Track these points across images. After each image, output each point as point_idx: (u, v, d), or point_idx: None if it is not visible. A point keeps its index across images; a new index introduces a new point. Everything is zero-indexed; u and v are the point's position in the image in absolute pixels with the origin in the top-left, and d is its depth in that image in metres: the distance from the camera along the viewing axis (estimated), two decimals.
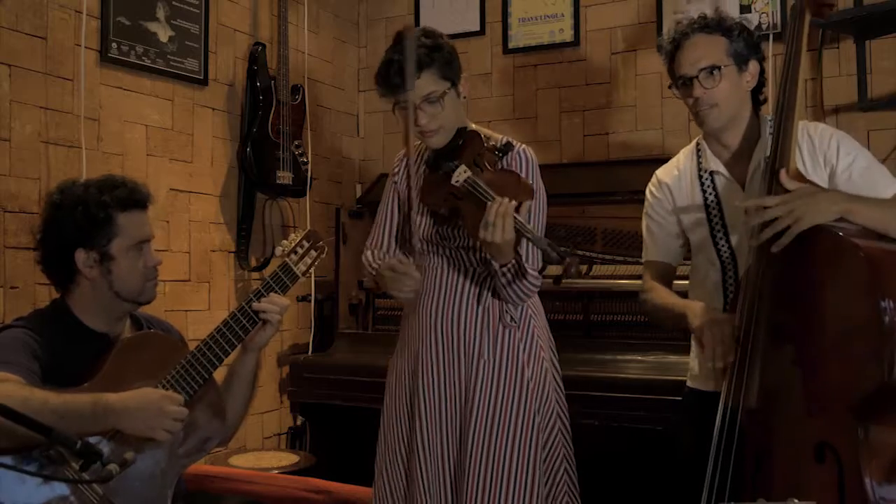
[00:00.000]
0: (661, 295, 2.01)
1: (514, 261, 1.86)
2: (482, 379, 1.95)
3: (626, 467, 2.74)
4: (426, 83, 1.90)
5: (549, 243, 1.70)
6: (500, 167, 1.92)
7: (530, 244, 1.82)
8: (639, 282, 2.89)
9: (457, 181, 1.84)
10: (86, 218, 1.80)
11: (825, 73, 3.08)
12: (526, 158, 1.98)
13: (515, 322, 1.98)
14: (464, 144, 1.95)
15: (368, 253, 2.18)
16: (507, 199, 1.74)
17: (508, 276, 1.89)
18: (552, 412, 2.01)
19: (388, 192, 2.19)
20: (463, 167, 1.85)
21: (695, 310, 1.84)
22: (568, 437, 2.06)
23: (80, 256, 1.81)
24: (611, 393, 2.70)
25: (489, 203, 1.76)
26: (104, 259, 1.81)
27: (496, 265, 1.86)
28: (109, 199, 1.82)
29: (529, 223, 1.84)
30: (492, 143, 1.96)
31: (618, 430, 2.68)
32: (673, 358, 2.75)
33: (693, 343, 2.12)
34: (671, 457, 2.12)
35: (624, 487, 2.70)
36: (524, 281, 1.90)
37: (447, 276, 2.02)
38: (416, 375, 2.01)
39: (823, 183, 1.83)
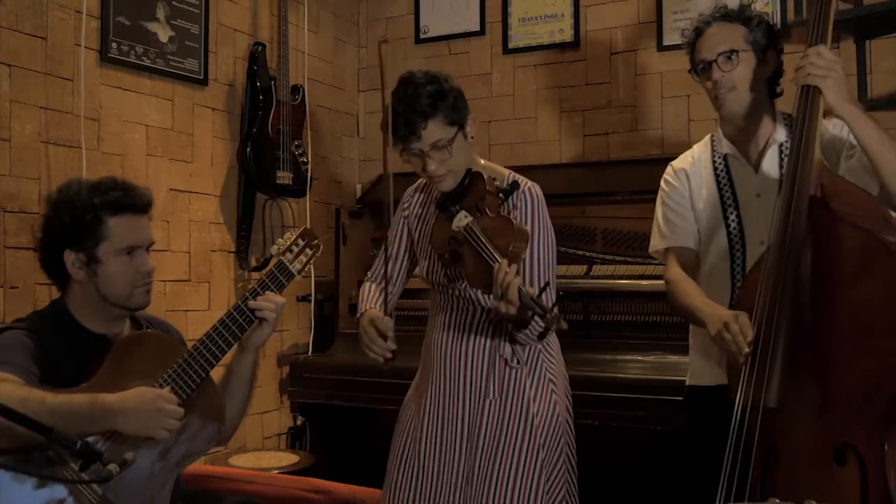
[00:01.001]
0: (686, 292, 1.99)
1: (526, 320, 1.81)
2: (488, 417, 1.94)
3: (626, 467, 2.74)
4: (433, 132, 1.87)
5: (532, 299, 1.66)
6: (501, 211, 1.89)
7: (551, 277, 1.82)
8: (639, 281, 2.93)
9: (457, 227, 1.82)
10: (72, 219, 1.80)
11: None
12: (531, 198, 1.95)
13: (521, 363, 1.97)
14: (468, 187, 1.92)
15: (366, 286, 2.16)
16: (510, 267, 1.70)
17: (521, 331, 1.87)
18: (559, 450, 1.98)
19: (396, 226, 2.16)
20: (463, 213, 1.82)
21: (713, 320, 1.81)
22: (573, 477, 2.03)
23: (69, 257, 1.81)
24: (611, 393, 2.70)
25: (494, 268, 1.71)
26: (91, 262, 1.81)
27: (508, 322, 1.86)
28: (99, 201, 1.81)
29: (535, 259, 1.88)
30: (496, 183, 1.92)
31: (618, 430, 2.68)
32: (673, 358, 2.75)
33: (691, 341, 2.12)
34: (673, 456, 2.12)
35: (624, 487, 2.70)
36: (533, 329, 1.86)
37: (455, 316, 2.01)
38: (421, 413, 2.01)
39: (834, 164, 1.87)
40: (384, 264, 2.08)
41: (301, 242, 1.96)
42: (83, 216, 1.80)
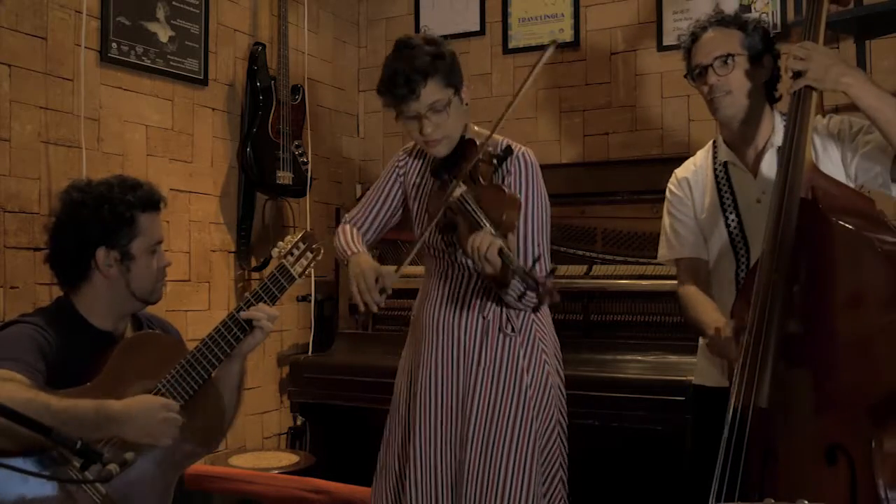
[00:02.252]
0: (694, 305, 2.02)
1: (509, 281, 1.82)
2: (481, 384, 1.95)
3: (626, 467, 2.74)
4: (431, 92, 1.87)
5: (525, 272, 1.66)
6: (495, 178, 1.90)
7: (546, 247, 1.83)
8: (639, 281, 2.93)
9: (451, 198, 1.83)
10: (112, 216, 1.81)
11: None
12: (525, 163, 1.96)
13: (515, 332, 1.97)
14: (462, 154, 1.93)
15: (348, 227, 2.12)
16: (488, 237, 1.71)
17: (509, 294, 1.87)
18: (552, 419, 1.99)
19: (387, 177, 2.15)
20: (457, 182, 1.83)
21: (708, 334, 1.84)
22: (565, 446, 2.05)
23: (101, 255, 1.81)
24: (611, 393, 2.70)
25: (475, 233, 1.74)
26: (125, 258, 1.82)
27: (494, 286, 1.86)
28: (134, 198, 1.83)
29: (528, 229, 1.88)
30: (489, 150, 1.93)
31: (618, 430, 2.68)
32: (673, 358, 2.75)
33: (700, 343, 2.13)
34: (675, 455, 2.12)
35: (623, 487, 2.70)
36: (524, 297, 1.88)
37: (450, 283, 2.01)
38: (416, 380, 2.01)
39: (835, 166, 1.87)
40: (423, 232, 2.01)
41: (302, 245, 1.96)
42: (123, 213, 1.81)
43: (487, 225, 1.75)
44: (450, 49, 1.94)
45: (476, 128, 2.04)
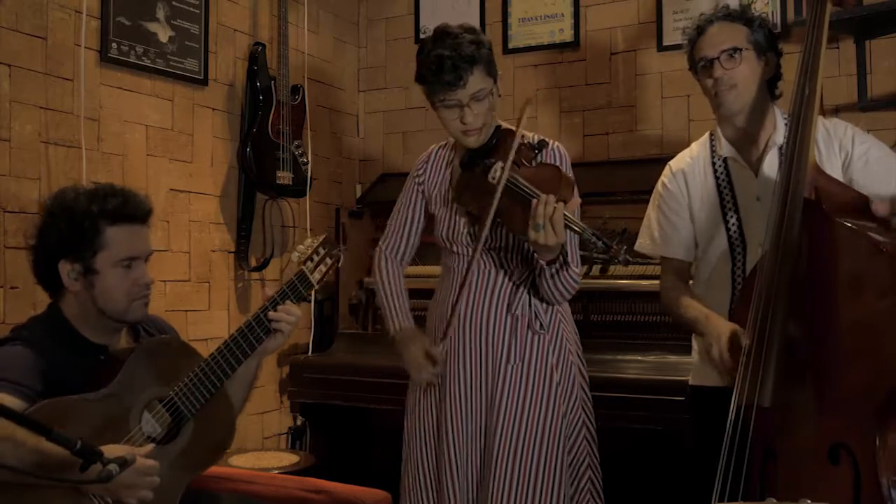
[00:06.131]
0: (686, 305, 2.02)
1: (560, 257, 1.84)
2: (510, 382, 1.93)
3: (626, 467, 2.74)
4: (476, 80, 1.88)
5: (594, 233, 1.69)
6: (537, 163, 1.90)
7: (576, 240, 1.81)
8: (639, 281, 2.93)
9: (493, 178, 1.81)
10: (70, 228, 1.71)
11: (825, 73, 3.07)
12: (560, 155, 1.98)
13: (545, 329, 1.96)
14: (499, 142, 1.92)
15: (386, 270, 2.14)
16: (552, 197, 1.71)
17: (554, 271, 1.87)
18: (578, 417, 1.99)
19: (408, 193, 2.15)
20: (500, 164, 1.83)
21: (718, 335, 1.83)
22: (593, 443, 2.04)
23: (65, 268, 1.73)
24: (611, 393, 2.70)
25: (534, 201, 1.73)
26: (87, 273, 1.73)
27: (543, 263, 1.84)
28: (98, 209, 1.72)
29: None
30: (526, 140, 1.94)
31: (618, 429, 2.68)
32: (673, 358, 2.75)
33: (695, 342, 2.12)
34: (675, 455, 2.12)
35: (624, 487, 2.70)
36: (567, 276, 1.88)
37: (476, 279, 1.98)
38: (444, 378, 2.00)
39: (837, 173, 1.86)
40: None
41: (322, 251, 1.92)
42: (81, 224, 1.71)
43: (539, 195, 1.74)
44: (487, 38, 1.95)
45: (504, 123, 2.03)
